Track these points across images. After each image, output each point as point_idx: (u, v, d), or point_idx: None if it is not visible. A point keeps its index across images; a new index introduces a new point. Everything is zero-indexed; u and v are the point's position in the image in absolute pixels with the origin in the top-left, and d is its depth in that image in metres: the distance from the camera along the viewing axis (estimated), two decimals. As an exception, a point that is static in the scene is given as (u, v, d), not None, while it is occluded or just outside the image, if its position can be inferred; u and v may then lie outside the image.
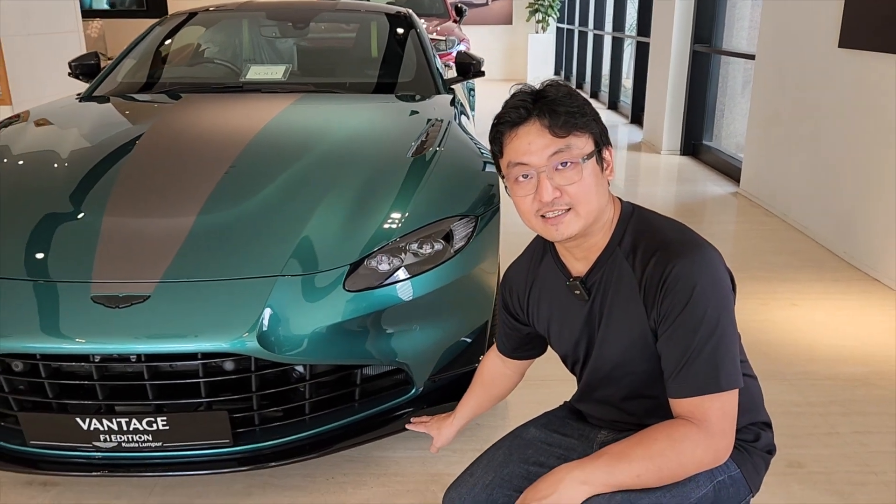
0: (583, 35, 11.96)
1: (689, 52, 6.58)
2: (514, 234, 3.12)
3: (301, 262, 1.98)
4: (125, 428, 1.87)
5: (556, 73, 14.31)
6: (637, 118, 8.29)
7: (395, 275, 2.04)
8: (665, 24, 6.82)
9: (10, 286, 1.91)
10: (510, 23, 14.22)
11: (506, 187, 1.36)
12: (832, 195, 4.12)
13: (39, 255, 1.99)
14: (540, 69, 13.18)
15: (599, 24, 10.82)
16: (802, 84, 4.49)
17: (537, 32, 13.29)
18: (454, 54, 5.06)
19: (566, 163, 1.25)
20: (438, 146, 2.53)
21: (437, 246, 2.13)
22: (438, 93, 3.27)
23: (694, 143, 6.71)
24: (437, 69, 3.43)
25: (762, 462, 1.42)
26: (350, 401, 2.09)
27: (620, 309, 1.32)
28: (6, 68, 5.55)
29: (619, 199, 1.38)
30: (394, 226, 2.12)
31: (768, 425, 1.45)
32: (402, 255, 2.08)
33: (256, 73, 3.26)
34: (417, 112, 2.94)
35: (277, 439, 2.00)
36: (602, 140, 1.29)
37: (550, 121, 1.25)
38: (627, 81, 9.27)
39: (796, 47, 4.56)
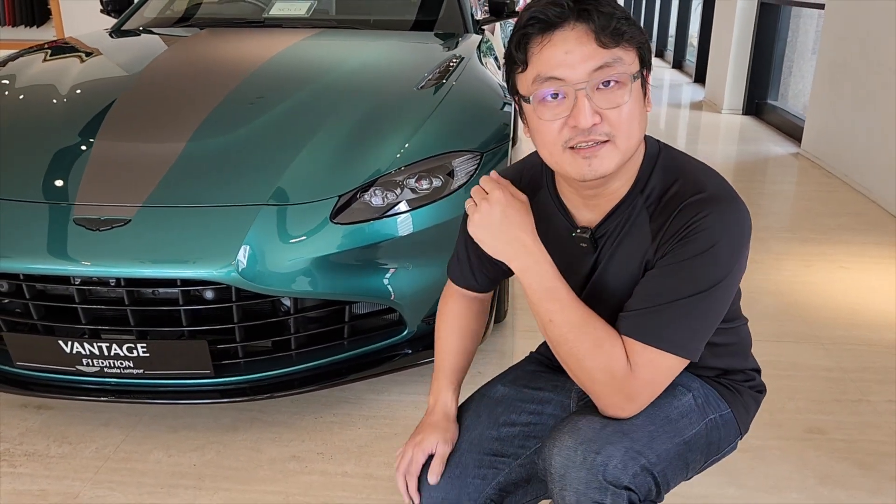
0: (652, -9, 11.46)
1: (757, 4, 6.18)
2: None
3: (288, 192, 1.90)
4: (106, 353, 1.85)
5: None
6: (701, 77, 7.89)
7: (388, 210, 1.94)
8: (733, -26, 6.42)
9: (-3, 206, 1.90)
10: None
11: (520, 114, 1.11)
12: (898, 154, 3.80)
13: (29, 177, 1.96)
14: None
15: (669, -22, 10.33)
16: (874, 33, 4.14)
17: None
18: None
19: (612, 81, 1.01)
20: (452, 80, 2.40)
21: (437, 182, 2.02)
22: (467, 31, 3.12)
23: (757, 101, 6.34)
24: (468, 8, 3.28)
25: (752, 402, 1.31)
26: (339, 338, 2.02)
27: (625, 252, 1.14)
28: (60, 8, 5.65)
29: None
30: (391, 158, 2.01)
31: (758, 371, 1.34)
32: (398, 191, 1.97)
33: (280, 9, 3.18)
34: (436, 47, 2.81)
35: (262, 373, 1.95)
36: (648, 59, 1.07)
37: (598, 24, 0.99)
38: (695, 41, 8.83)
39: (869, -7, 4.20)
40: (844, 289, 2.92)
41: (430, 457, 1.25)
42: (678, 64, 9.32)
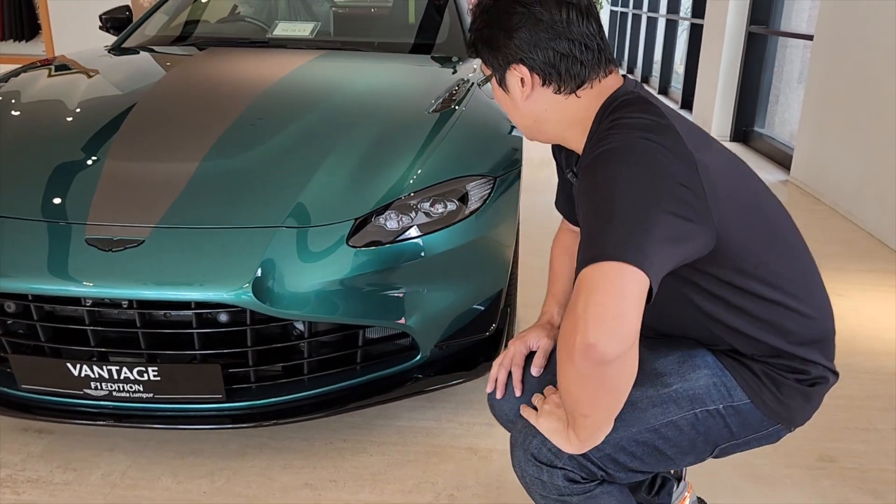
0: (637, 18, 11.62)
1: (745, 34, 6.29)
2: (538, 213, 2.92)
3: (303, 215, 1.88)
4: (116, 376, 1.81)
5: (608, 57, 13.95)
6: (687, 103, 8.00)
7: (403, 233, 1.93)
8: (721, 3, 6.54)
9: (5, 224, 1.86)
10: (563, 4, 13.82)
11: None
12: (889, 183, 3.87)
13: (38, 196, 1.92)
14: (591, 52, 12.83)
15: (654, 6, 10.49)
16: (863, 64, 4.23)
17: (590, 15, 12.94)
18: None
19: None
20: (461, 105, 2.40)
21: (451, 206, 2.01)
22: (471, 56, 3.14)
23: (745, 129, 6.44)
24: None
25: (797, 394, 1.20)
26: (351, 363, 1.99)
27: None
28: (50, 23, 5.60)
29: (624, 81, 1.28)
30: (405, 182, 2.00)
31: (818, 364, 1.22)
32: (413, 214, 1.97)
33: (284, 29, 3.17)
34: (443, 71, 2.82)
35: (274, 398, 1.92)
36: (502, 62, 1.24)
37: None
38: (680, 68, 8.96)
39: (858, 24, 4.29)
40: (841, 316, 2.95)
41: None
42: (664, 90, 9.44)
